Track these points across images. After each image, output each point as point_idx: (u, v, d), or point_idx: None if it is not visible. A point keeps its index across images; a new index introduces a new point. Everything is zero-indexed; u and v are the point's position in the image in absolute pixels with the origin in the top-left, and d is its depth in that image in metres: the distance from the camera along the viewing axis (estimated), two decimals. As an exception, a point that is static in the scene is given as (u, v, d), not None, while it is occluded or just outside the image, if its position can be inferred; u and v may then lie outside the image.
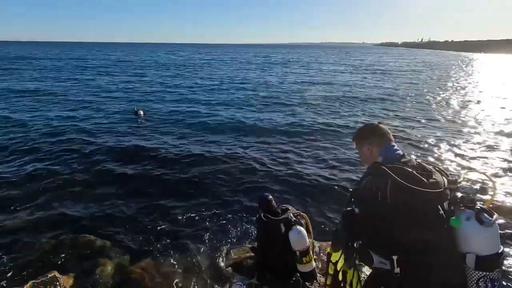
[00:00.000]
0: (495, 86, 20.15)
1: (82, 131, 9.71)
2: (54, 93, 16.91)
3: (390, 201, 1.37)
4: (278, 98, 15.70)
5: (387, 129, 1.65)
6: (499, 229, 1.36)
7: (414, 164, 1.49)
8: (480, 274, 1.35)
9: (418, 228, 1.36)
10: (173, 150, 8.23)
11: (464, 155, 7.85)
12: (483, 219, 1.32)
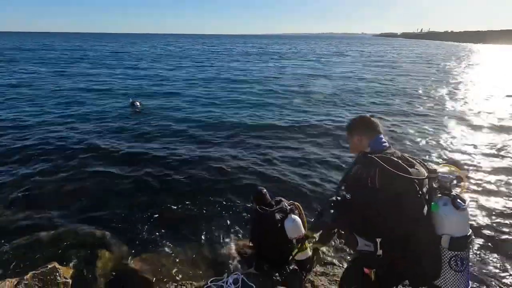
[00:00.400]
0: (493, 79, 20.13)
1: (78, 123, 9.64)
2: (48, 84, 16.70)
3: (379, 187, 1.49)
4: (275, 91, 15.63)
5: (378, 122, 1.78)
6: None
7: (398, 156, 1.63)
8: (452, 254, 1.51)
9: (402, 212, 1.49)
10: (170, 142, 8.23)
11: (448, 147, 7.96)
12: (458, 204, 1.48)
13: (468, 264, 1.56)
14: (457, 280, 1.53)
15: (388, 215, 1.51)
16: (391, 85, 17.82)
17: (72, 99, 13.11)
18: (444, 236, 1.51)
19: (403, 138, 8.64)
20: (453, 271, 1.52)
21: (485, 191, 5.75)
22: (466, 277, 1.55)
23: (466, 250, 1.54)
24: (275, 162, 6.95)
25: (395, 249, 1.54)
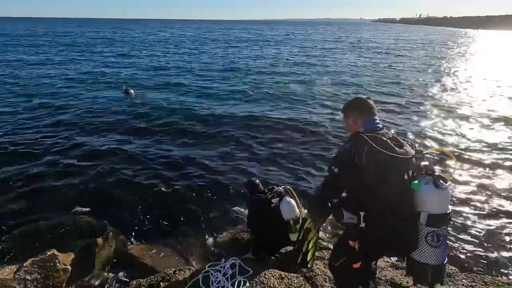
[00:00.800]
0: (489, 69, 20.06)
1: (72, 113, 9.49)
2: (39, 71, 16.34)
3: (365, 164, 1.57)
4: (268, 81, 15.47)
5: (373, 104, 1.82)
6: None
7: (389, 136, 1.70)
8: (429, 230, 1.62)
9: (385, 188, 1.59)
10: (167, 130, 8.19)
11: (444, 132, 8.02)
12: (439, 184, 1.58)
13: (445, 241, 1.65)
14: (432, 254, 1.63)
15: (372, 190, 1.60)
16: (388, 71, 17.73)
17: (64, 88, 12.81)
18: (423, 213, 1.60)
19: (400, 124, 8.70)
20: (429, 246, 1.62)
21: (474, 174, 5.86)
22: (442, 253, 1.64)
23: (443, 228, 1.63)
24: (267, 152, 6.95)
25: (376, 222, 1.63)
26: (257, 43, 35.47)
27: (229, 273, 2.63)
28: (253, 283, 2.51)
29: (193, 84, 14.05)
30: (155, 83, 14.15)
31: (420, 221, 1.62)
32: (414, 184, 1.60)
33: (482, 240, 4.22)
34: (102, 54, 24.40)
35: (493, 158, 6.56)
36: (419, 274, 1.73)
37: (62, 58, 21.83)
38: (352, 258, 1.76)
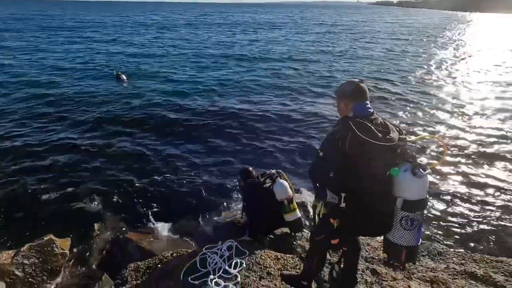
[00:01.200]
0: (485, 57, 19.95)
1: (62, 99, 9.28)
2: (26, 57, 15.82)
3: (348, 149, 1.63)
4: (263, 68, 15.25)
5: (366, 89, 1.81)
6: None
7: (378, 122, 1.73)
8: (404, 214, 1.71)
9: (365, 172, 1.65)
10: (160, 116, 8.10)
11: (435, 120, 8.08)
12: (417, 172, 1.64)
13: (419, 225, 1.73)
14: (405, 237, 1.73)
15: (354, 174, 1.68)
16: (385, 55, 17.57)
17: (53, 74, 12.43)
18: (399, 199, 1.68)
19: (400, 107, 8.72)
20: (403, 229, 1.72)
21: (468, 159, 5.96)
22: (415, 236, 1.74)
23: (417, 213, 1.70)
24: (259, 140, 6.92)
25: (356, 204, 1.72)
26: (252, 28, 34.70)
27: (226, 254, 2.67)
28: (250, 264, 2.56)
29: (186, 70, 13.80)
30: (147, 69, 13.86)
31: (396, 205, 1.70)
32: (393, 170, 1.65)
33: (472, 221, 4.33)
34: (92, 39, 23.69)
35: (486, 145, 6.65)
36: (392, 253, 1.84)
37: (50, 42, 21.18)
38: (332, 235, 1.86)
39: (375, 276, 2.35)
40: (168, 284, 2.46)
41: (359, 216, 1.74)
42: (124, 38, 24.37)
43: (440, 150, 5.91)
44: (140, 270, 2.71)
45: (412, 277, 2.37)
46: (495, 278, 2.33)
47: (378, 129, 1.65)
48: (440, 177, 5.40)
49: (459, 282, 2.30)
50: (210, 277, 2.40)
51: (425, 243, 2.99)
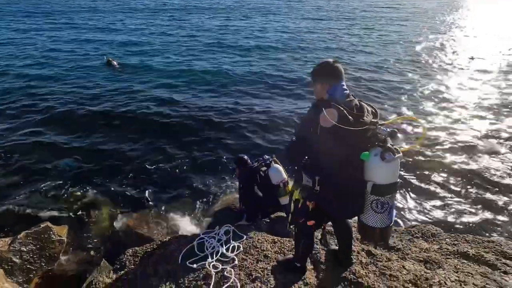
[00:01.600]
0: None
1: (54, 86, 9.07)
2: (13, 44, 15.26)
3: (320, 133, 1.64)
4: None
5: (340, 69, 1.77)
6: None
7: (353, 105, 1.70)
8: (374, 198, 1.73)
9: (337, 157, 1.67)
10: (154, 103, 7.96)
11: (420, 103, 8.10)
12: (386, 156, 1.63)
13: (390, 207, 1.75)
14: (376, 219, 1.76)
15: (326, 158, 1.71)
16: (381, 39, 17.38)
17: (42, 60, 11.94)
18: (369, 183, 1.70)
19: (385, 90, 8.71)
20: (374, 212, 1.75)
21: (452, 145, 6.01)
22: (386, 218, 1.77)
23: (387, 197, 1.72)
24: (254, 129, 6.87)
25: (328, 186, 1.76)
26: (245, 13, 33.84)
27: (223, 239, 2.70)
28: (247, 248, 2.58)
29: (178, 56, 13.41)
30: (139, 55, 13.40)
31: (367, 189, 1.73)
32: (364, 155, 1.65)
33: (463, 203, 4.42)
34: (81, 25, 22.86)
35: (474, 128, 6.72)
36: (365, 234, 1.90)
37: (36, 29, 20.42)
38: (308, 217, 1.90)
39: (370, 257, 2.40)
40: (166, 268, 2.48)
41: (332, 198, 1.78)
42: (114, 23, 23.61)
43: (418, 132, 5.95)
44: (138, 255, 2.73)
45: (406, 257, 2.43)
46: (486, 257, 2.39)
47: (351, 112, 1.64)
48: (431, 159, 5.48)
49: (452, 261, 2.36)
50: (208, 261, 2.43)
51: (418, 225, 3.05)
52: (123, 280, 2.41)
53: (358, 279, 2.12)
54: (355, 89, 8.75)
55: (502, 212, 4.26)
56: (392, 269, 2.21)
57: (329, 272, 2.25)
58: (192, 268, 2.39)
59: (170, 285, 2.27)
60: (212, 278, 2.24)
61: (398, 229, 3.01)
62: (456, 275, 2.15)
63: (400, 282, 2.08)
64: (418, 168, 5.26)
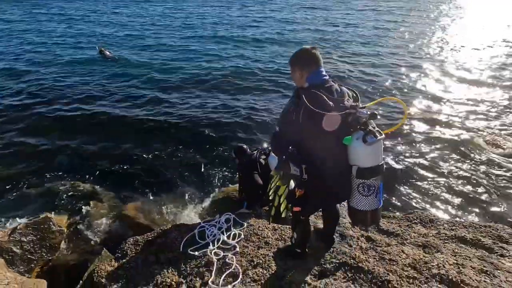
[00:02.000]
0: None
1: (46, 77, 8.92)
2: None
3: (302, 121, 1.64)
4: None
5: (318, 54, 1.76)
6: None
7: (333, 90, 1.71)
8: (359, 181, 1.75)
9: (321, 144, 1.69)
10: (150, 92, 7.89)
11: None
12: (367, 139, 1.62)
13: (377, 190, 1.77)
14: (364, 202, 1.78)
15: (311, 145, 1.72)
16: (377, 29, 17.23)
17: (31, 51, 11.63)
18: (354, 167, 1.72)
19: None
20: (361, 195, 1.77)
21: (447, 131, 6.09)
22: (374, 201, 1.78)
23: (373, 179, 1.73)
24: (253, 117, 6.88)
25: (316, 174, 1.77)
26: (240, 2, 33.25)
27: (224, 227, 2.71)
28: (248, 235, 2.60)
29: (172, 45, 13.15)
30: (132, 44, 13.11)
31: (352, 173, 1.74)
32: (346, 139, 1.66)
33: (461, 189, 4.48)
34: (71, 14, 22.34)
35: (462, 110, 6.77)
36: (355, 218, 1.92)
37: (24, 17, 19.91)
38: (294, 203, 1.93)
39: (369, 243, 2.43)
40: (168, 256, 2.50)
41: (320, 185, 1.79)
42: (106, 12, 23.04)
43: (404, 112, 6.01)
44: (139, 243, 2.74)
45: (405, 242, 2.46)
46: (484, 242, 2.43)
47: (331, 98, 1.65)
48: (426, 146, 5.53)
49: (450, 246, 2.40)
50: (210, 248, 2.44)
51: (417, 211, 3.09)
52: (125, 268, 2.42)
53: (358, 264, 2.15)
54: (346, 79, 8.71)
55: (498, 198, 4.32)
56: (391, 253, 2.24)
57: (329, 257, 2.28)
58: (194, 256, 2.40)
59: (173, 272, 2.28)
60: (214, 265, 2.26)
61: (396, 215, 3.05)
62: (454, 258, 2.19)
63: (400, 266, 2.11)
64: (415, 155, 5.31)
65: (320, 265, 2.23)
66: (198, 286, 2.12)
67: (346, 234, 2.52)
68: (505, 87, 8.29)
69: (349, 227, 2.67)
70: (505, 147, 5.50)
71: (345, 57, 11.16)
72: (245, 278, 2.14)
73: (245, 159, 3.39)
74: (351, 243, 2.43)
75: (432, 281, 1.97)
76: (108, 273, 2.39)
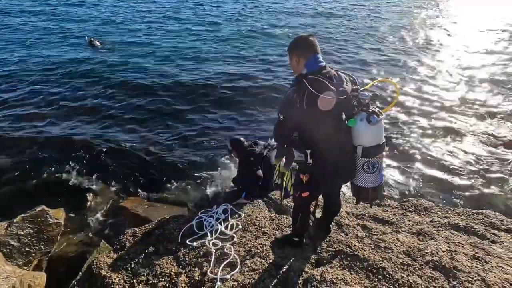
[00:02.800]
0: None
1: (35, 67, 8.65)
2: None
3: (306, 107, 1.68)
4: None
5: (315, 41, 1.81)
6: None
7: (331, 75, 1.75)
8: (365, 160, 1.82)
9: (325, 128, 1.73)
10: (144, 83, 7.74)
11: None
12: (371, 119, 1.71)
13: (380, 167, 1.87)
14: (369, 179, 1.87)
15: (315, 130, 1.76)
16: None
17: (16, 42, 11.13)
18: (359, 147, 1.79)
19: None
20: (366, 173, 1.86)
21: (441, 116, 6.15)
22: (377, 177, 1.88)
23: (377, 157, 1.82)
24: (245, 109, 6.82)
25: (321, 158, 1.82)
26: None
27: (221, 217, 2.73)
28: (246, 225, 2.63)
29: (163, 34, 12.78)
30: (122, 33, 12.62)
31: (357, 153, 1.81)
32: (350, 121, 1.74)
33: (455, 177, 4.56)
34: (57, 3, 21.51)
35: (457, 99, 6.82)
36: (360, 195, 2.00)
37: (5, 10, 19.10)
38: (303, 189, 1.96)
39: (365, 231, 2.47)
40: (166, 247, 2.52)
41: (325, 168, 1.85)
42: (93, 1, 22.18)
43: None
44: (137, 235, 2.75)
45: (400, 230, 2.51)
46: (476, 228, 2.49)
47: (332, 82, 1.69)
48: (422, 133, 5.60)
49: (443, 233, 2.45)
50: (208, 239, 2.47)
51: (411, 199, 3.14)
52: (124, 260, 2.44)
53: (354, 252, 2.19)
54: (346, 65, 8.68)
55: (492, 185, 4.40)
56: (386, 241, 2.29)
57: (325, 246, 2.32)
58: (192, 246, 2.43)
59: (171, 263, 2.31)
60: (213, 255, 2.28)
61: (392, 204, 3.09)
62: (447, 245, 2.24)
63: (394, 254, 2.16)
64: (410, 143, 5.36)
65: (317, 253, 2.28)
66: (197, 276, 2.15)
67: (342, 223, 2.57)
68: (497, 73, 8.34)
69: (345, 216, 2.71)
70: (498, 134, 5.57)
71: (337, 45, 11.06)
72: (243, 267, 2.17)
73: (243, 151, 3.41)
74: (347, 231, 2.47)
75: (425, 267, 2.02)
76: (107, 264, 2.41)
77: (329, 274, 2.02)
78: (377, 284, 1.95)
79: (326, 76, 1.72)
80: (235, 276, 2.10)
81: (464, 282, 1.89)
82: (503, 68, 8.90)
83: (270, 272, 2.11)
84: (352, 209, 2.84)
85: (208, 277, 2.12)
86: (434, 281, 1.92)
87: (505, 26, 13.83)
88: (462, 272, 1.95)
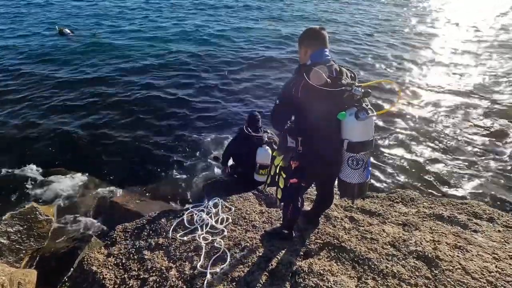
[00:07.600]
0: None
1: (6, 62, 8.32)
2: None
3: (300, 96, 1.74)
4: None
5: (325, 35, 1.84)
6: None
7: (332, 69, 1.80)
8: (350, 155, 1.84)
9: (317, 118, 1.77)
10: (122, 72, 7.59)
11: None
12: (360, 115, 1.72)
13: (365, 164, 1.86)
14: (353, 175, 1.87)
15: (308, 119, 1.81)
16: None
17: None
18: (345, 141, 1.81)
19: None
20: (350, 168, 1.86)
21: (432, 112, 6.21)
22: (362, 174, 1.87)
23: (362, 154, 1.83)
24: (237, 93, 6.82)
25: (311, 146, 1.87)
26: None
27: (212, 211, 2.76)
28: (236, 219, 2.66)
29: (137, 20, 12.44)
30: (94, 21, 12.30)
31: (343, 147, 1.83)
32: (340, 114, 1.76)
33: (441, 167, 4.65)
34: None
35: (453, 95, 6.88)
36: (344, 190, 1.99)
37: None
38: (291, 175, 2.00)
39: (352, 223, 2.52)
40: (157, 241, 2.54)
41: (314, 157, 1.89)
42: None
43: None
44: (128, 230, 2.77)
45: (386, 221, 2.57)
46: (459, 218, 2.57)
47: (330, 75, 1.74)
48: (412, 126, 5.65)
49: (428, 223, 2.52)
50: (198, 233, 2.49)
51: (399, 190, 3.21)
52: (115, 255, 2.45)
53: (341, 244, 2.25)
54: (348, 59, 8.66)
55: (479, 175, 4.52)
56: (373, 233, 2.35)
57: (314, 238, 2.37)
58: (183, 241, 2.45)
59: (162, 258, 2.33)
60: (203, 249, 2.31)
61: (379, 195, 3.16)
62: (431, 235, 2.31)
63: (380, 244, 2.22)
64: (399, 134, 5.43)
65: (305, 245, 2.33)
66: (187, 270, 2.18)
67: (330, 215, 2.62)
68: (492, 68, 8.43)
69: (334, 208, 2.76)
70: (485, 125, 5.68)
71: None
72: (232, 261, 2.21)
73: (247, 129, 3.34)
74: (335, 223, 2.52)
75: (409, 257, 2.09)
76: (99, 260, 2.42)
77: (317, 265, 2.07)
78: (362, 274, 2.01)
79: (328, 69, 1.76)
80: (224, 270, 2.14)
81: (445, 271, 1.96)
82: (489, 56, 9.01)
83: (259, 265, 2.15)
84: (341, 202, 2.89)
85: (198, 271, 2.15)
86: (417, 270, 1.99)
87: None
88: (444, 261, 2.02)
